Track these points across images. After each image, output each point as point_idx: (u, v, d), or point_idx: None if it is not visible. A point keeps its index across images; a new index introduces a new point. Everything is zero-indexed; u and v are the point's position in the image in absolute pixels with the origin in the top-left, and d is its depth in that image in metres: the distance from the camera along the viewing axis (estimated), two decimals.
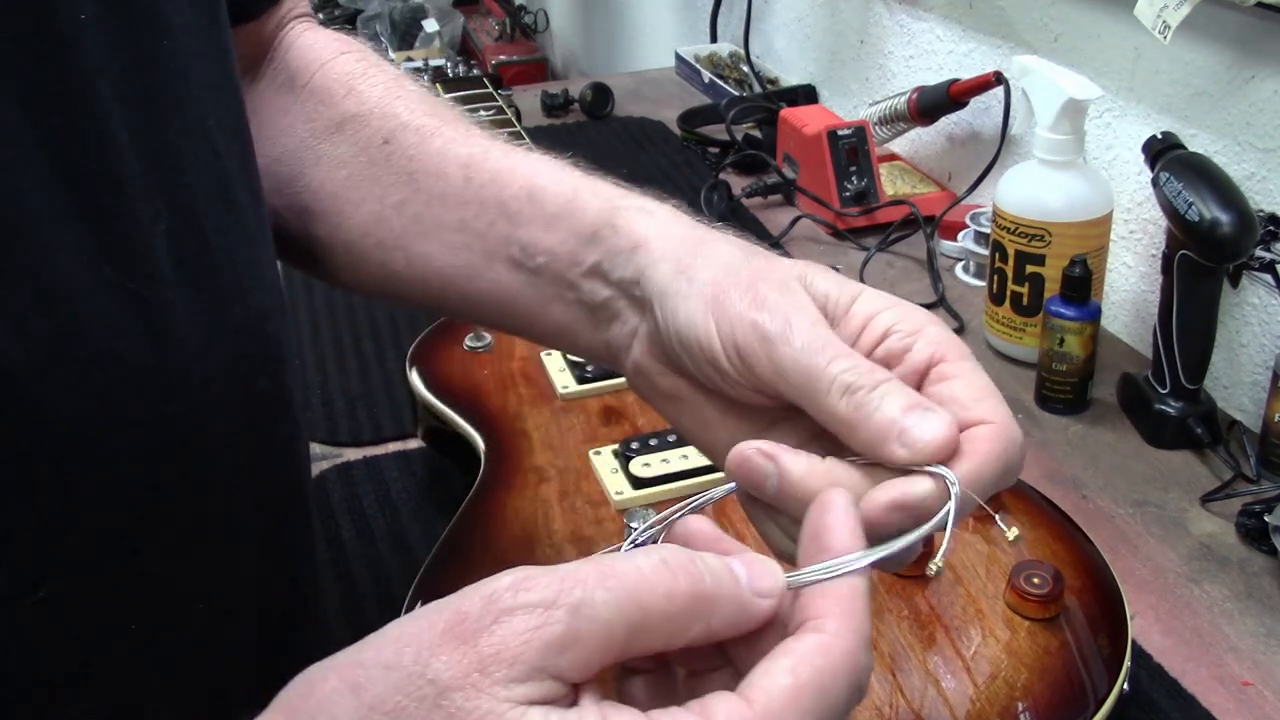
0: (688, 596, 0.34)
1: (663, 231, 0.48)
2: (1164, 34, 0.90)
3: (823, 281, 0.44)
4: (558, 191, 0.52)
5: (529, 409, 0.78)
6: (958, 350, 0.44)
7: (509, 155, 0.55)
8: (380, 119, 0.58)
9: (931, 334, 0.44)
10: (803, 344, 0.42)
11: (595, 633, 0.33)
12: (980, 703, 0.57)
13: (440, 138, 0.56)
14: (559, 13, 3.00)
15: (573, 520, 0.68)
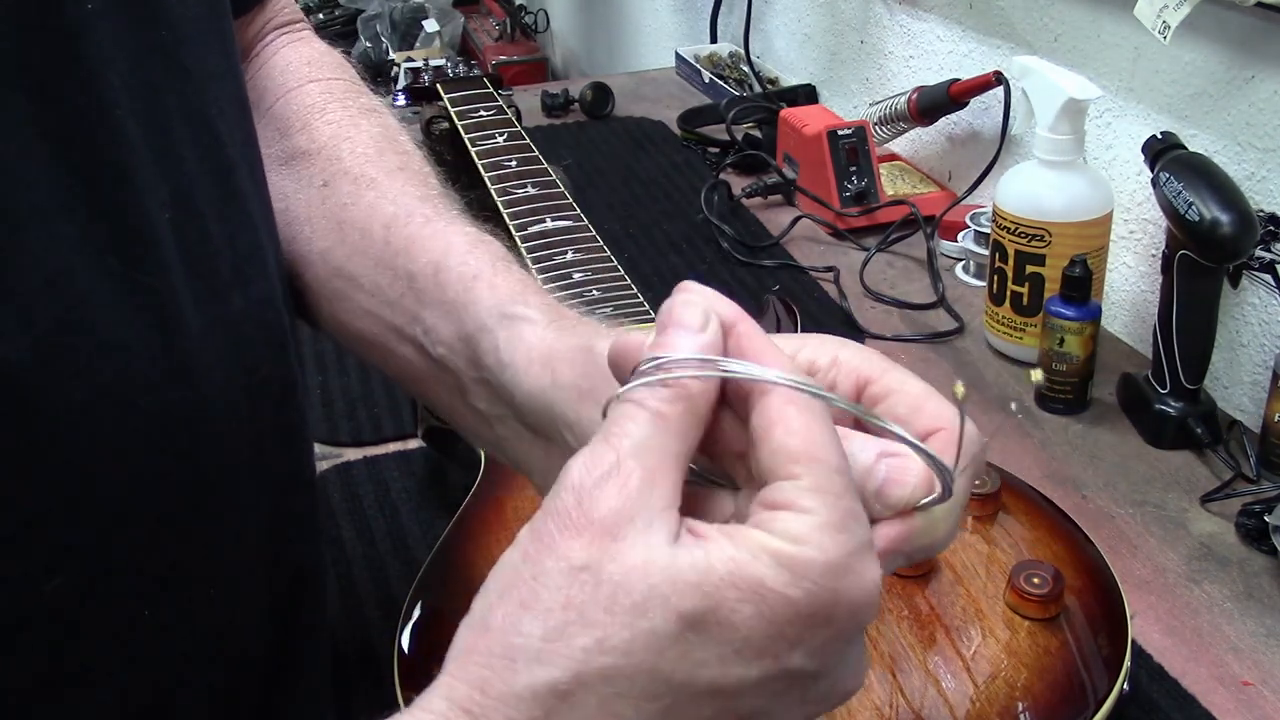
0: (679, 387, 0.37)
1: (545, 349, 0.47)
2: (1164, 34, 0.90)
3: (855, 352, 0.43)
4: (460, 275, 0.51)
5: None
6: (877, 366, 0.42)
7: (430, 222, 0.54)
8: (324, 160, 0.57)
9: (846, 360, 0.42)
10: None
11: (660, 458, 0.35)
12: (980, 703, 0.57)
13: (374, 190, 0.56)
14: (559, 13, 2.99)
15: None
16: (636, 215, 1.27)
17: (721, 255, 1.18)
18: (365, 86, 0.64)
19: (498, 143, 1.11)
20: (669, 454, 0.36)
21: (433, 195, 0.57)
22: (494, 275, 0.51)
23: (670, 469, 0.35)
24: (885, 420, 0.39)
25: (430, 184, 0.58)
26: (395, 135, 0.61)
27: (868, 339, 1.04)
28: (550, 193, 1.01)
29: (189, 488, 0.46)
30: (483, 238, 0.54)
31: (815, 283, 1.13)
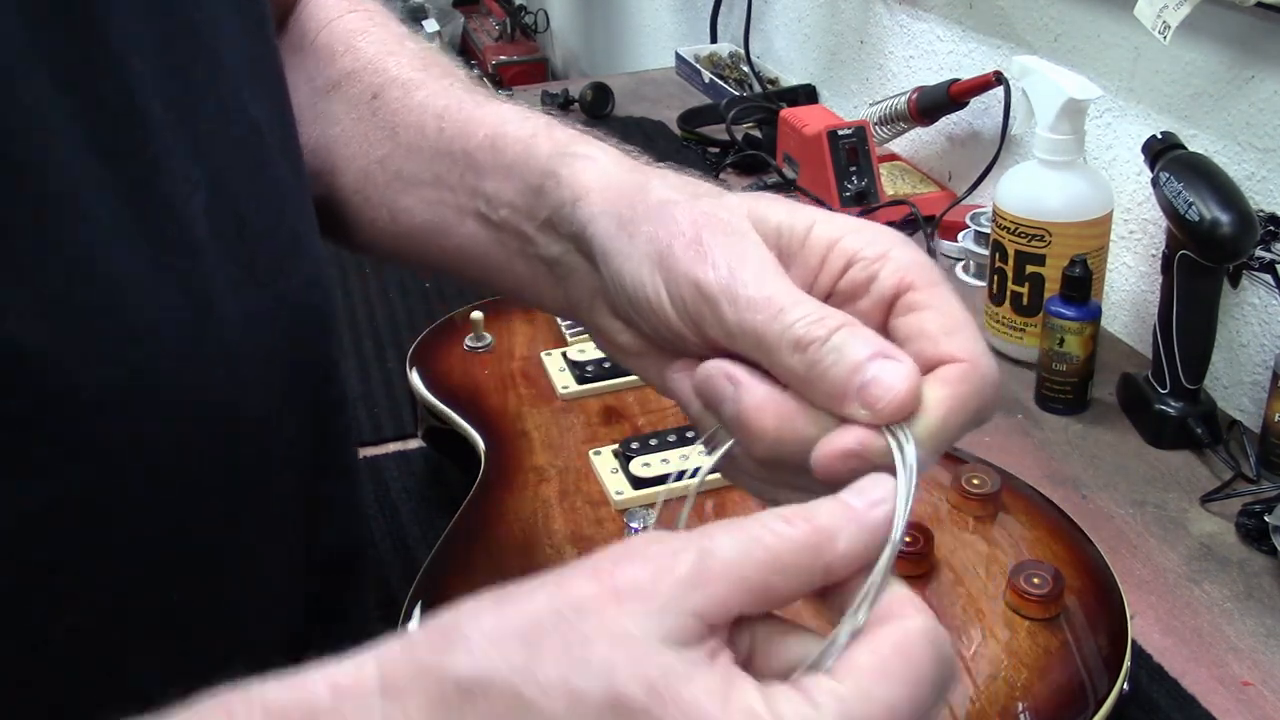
0: (808, 529, 0.34)
1: (604, 181, 0.46)
2: (1164, 34, 0.90)
3: (774, 213, 0.41)
4: (517, 138, 0.50)
5: (529, 409, 0.78)
6: (927, 275, 0.40)
7: (481, 105, 0.53)
8: (371, 74, 0.57)
9: (898, 258, 0.40)
10: (747, 300, 0.38)
11: (724, 572, 0.33)
12: (980, 703, 0.57)
13: (423, 90, 0.55)
14: (559, 13, 2.99)
15: (573, 520, 0.68)
16: None
17: None
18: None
19: None
20: (738, 581, 0.33)
21: (481, 90, 0.56)
22: (550, 131, 0.50)
23: (728, 593, 0.33)
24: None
25: (478, 87, 0.57)
26: (438, 54, 0.60)
27: None
28: None
29: (223, 474, 0.46)
30: (535, 111, 0.53)
31: None
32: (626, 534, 0.66)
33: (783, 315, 0.38)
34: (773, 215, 0.41)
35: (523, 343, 0.86)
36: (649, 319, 0.42)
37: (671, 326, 0.41)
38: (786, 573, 0.34)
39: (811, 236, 0.40)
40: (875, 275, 0.39)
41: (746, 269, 0.39)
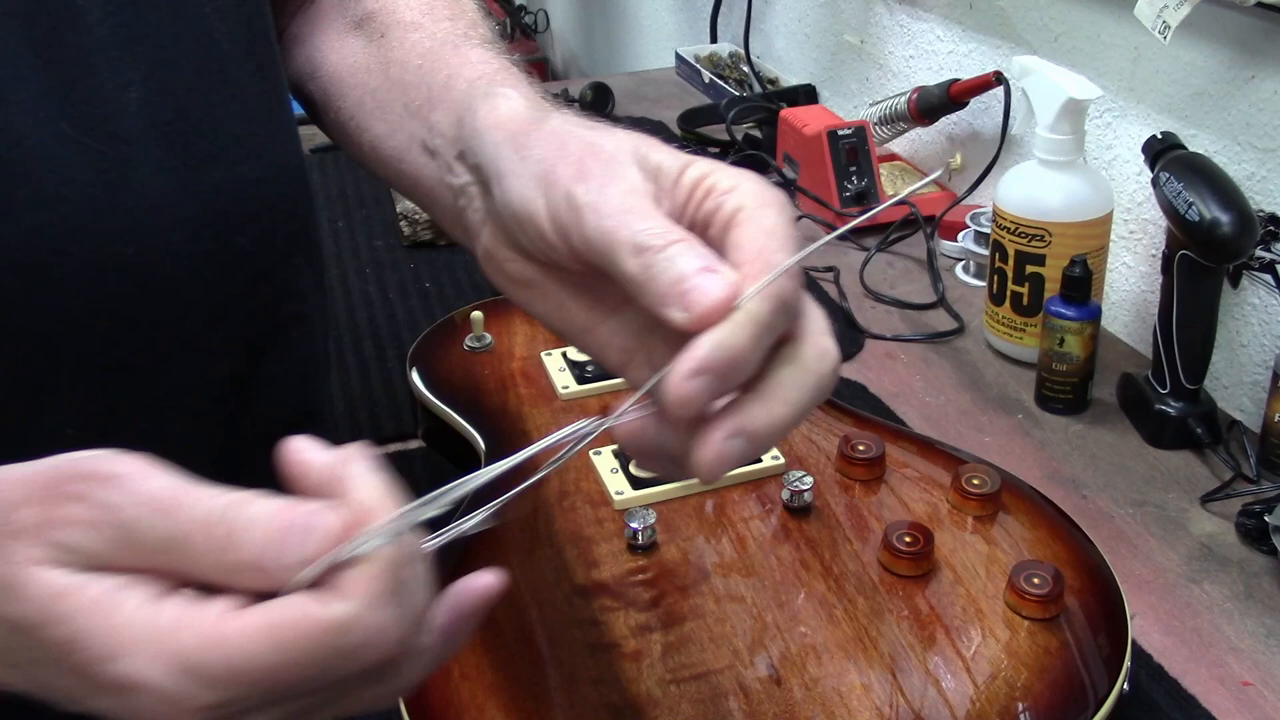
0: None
1: (510, 115, 0.48)
2: (1164, 34, 0.90)
3: (656, 153, 0.44)
4: (466, 77, 0.54)
5: (529, 409, 0.78)
6: (759, 199, 0.42)
7: (459, 48, 0.58)
8: (384, 14, 0.62)
9: (743, 189, 0.42)
10: (608, 210, 0.41)
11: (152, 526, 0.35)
12: (980, 703, 0.57)
13: (419, 32, 0.60)
14: (559, 13, 2.99)
15: (573, 520, 0.68)
16: None
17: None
18: None
19: None
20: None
21: (474, 34, 0.60)
22: (497, 74, 0.54)
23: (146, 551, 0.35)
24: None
25: (478, 27, 0.61)
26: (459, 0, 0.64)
27: (868, 339, 1.04)
28: None
29: (130, 338, 0.53)
30: (505, 62, 0.56)
31: (815, 283, 1.13)
32: (626, 534, 0.66)
33: (631, 224, 0.41)
34: (654, 155, 0.44)
35: (523, 343, 0.86)
36: (529, 232, 0.45)
37: (546, 238, 0.44)
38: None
39: (684, 175, 0.43)
40: (721, 205, 0.42)
41: (615, 186, 0.42)
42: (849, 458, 0.71)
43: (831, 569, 0.65)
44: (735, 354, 0.38)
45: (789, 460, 0.72)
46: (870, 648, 0.60)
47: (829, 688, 0.57)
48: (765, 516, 0.69)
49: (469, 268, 1.17)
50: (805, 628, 0.61)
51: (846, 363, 1.01)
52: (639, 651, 0.59)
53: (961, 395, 0.96)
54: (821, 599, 0.63)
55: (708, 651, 0.60)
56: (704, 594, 0.63)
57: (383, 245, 1.21)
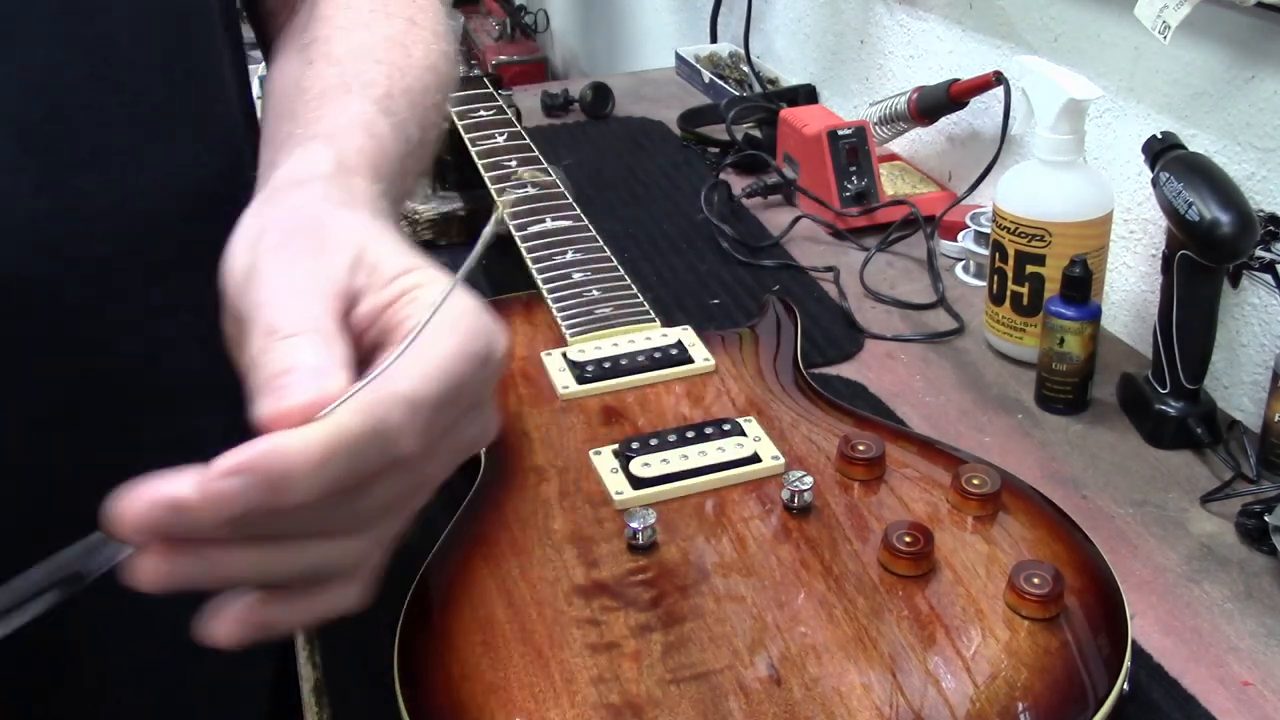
0: None
1: (292, 171, 0.48)
2: (1164, 34, 0.90)
3: (380, 252, 0.43)
4: (324, 123, 0.54)
5: (529, 409, 0.78)
6: (447, 323, 0.42)
7: (350, 91, 0.56)
8: (321, 44, 0.61)
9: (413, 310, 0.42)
10: (277, 287, 0.41)
11: None
12: (980, 703, 0.57)
13: (336, 67, 0.59)
14: (559, 13, 2.99)
15: (573, 520, 0.68)
16: (636, 215, 1.27)
17: (721, 255, 1.18)
18: None
19: (498, 143, 1.11)
20: None
21: (381, 84, 0.58)
22: (343, 130, 0.53)
23: None
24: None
25: (402, 77, 0.60)
26: (402, 39, 0.63)
27: (868, 339, 1.04)
28: (550, 193, 1.01)
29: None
30: (374, 118, 0.55)
31: (815, 283, 1.13)
32: (626, 534, 0.66)
33: (283, 305, 0.40)
34: (377, 252, 0.43)
35: (523, 343, 0.86)
36: (224, 282, 0.44)
37: (229, 294, 0.43)
38: None
39: (395, 280, 0.43)
40: (409, 317, 0.42)
41: (303, 267, 0.42)
42: (849, 458, 0.71)
43: (831, 569, 0.65)
44: (291, 463, 0.36)
45: (789, 460, 0.72)
46: (870, 648, 0.60)
47: (829, 688, 0.57)
48: (765, 516, 0.69)
49: None
50: (805, 628, 0.61)
51: (846, 363, 1.01)
52: (639, 651, 0.59)
53: (961, 395, 0.96)
54: (821, 599, 0.63)
55: (708, 651, 0.60)
56: (704, 594, 0.63)
57: None
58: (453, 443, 0.42)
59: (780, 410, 0.78)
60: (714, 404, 0.79)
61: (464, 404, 0.41)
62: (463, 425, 0.42)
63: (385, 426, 0.38)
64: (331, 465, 0.37)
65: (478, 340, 0.41)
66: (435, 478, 0.43)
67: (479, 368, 0.41)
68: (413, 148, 0.57)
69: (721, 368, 0.82)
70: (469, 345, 0.41)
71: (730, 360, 0.83)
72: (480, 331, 0.42)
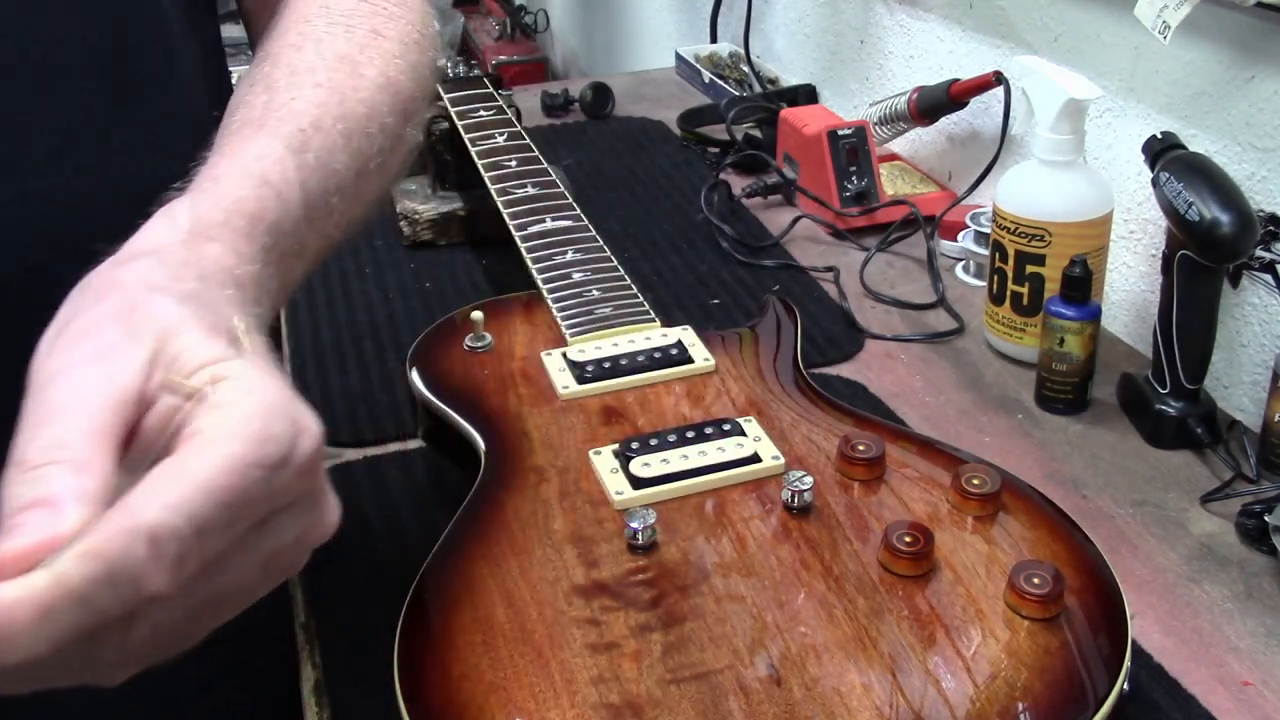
0: None
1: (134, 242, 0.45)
2: (1164, 34, 0.90)
3: (186, 341, 0.39)
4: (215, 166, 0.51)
5: (529, 409, 0.78)
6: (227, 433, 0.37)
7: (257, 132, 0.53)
8: (265, 69, 0.58)
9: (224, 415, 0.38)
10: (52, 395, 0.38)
11: None
12: (980, 703, 0.57)
13: (265, 95, 0.56)
14: (559, 13, 3.00)
15: (573, 520, 0.68)
16: (636, 215, 1.27)
17: (721, 255, 1.18)
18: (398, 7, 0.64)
19: (498, 143, 1.11)
20: None
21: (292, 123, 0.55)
22: (222, 179, 0.50)
23: None
24: None
25: (341, 102, 0.57)
26: (356, 56, 0.60)
27: (868, 339, 1.04)
28: (550, 193, 1.01)
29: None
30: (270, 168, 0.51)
31: (815, 283, 1.13)
32: (626, 534, 0.66)
33: (47, 423, 0.37)
34: (182, 342, 0.40)
35: (523, 343, 0.86)
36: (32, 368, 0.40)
37: (30, 377, 0.40)
38: None
39: (195, 375, 0.39)
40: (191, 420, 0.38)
41: (86, 373, 0.38)
42: (849, 458, 0.71)
43: (831, 569, 0.65)
44: (6, 620, 0.33)
45: (789, 460, 0.72)
46: (870, 648, 0.60)
47: (829, 688, 0.57)
48: (765, 516, 0.69)
49: (469, 268, 1.17)
50: (805, 628, 0.61)
51: (846, 363, 1.01)
52: (639, 651, 0.59)
53: (961, 395, 0.96)
54: (821, 599, 0.63)
55: (708, 651, 0.60)
56: (704, 594, 0.63)
57: (383, 245, 1.21)
58: (249, 559, 0.38)
59: (780, 410, 0.78)
60: (714, 404, 0.79)
61: (248, 519, 0.37)
62: (266, 536, 0.38)
63: (121, 567, 0.34)
64: (57, 618, 0.33)
65: (265, 446, 0.37)
66: (237, 597, 0.39)
67: (265, 476, 0.36)
68: (341, 180, 0.54)
69: (721, 368, 0.82)
70: (251, 453, 0.36)
71: (730, 360, 0.83)
72: (269, 436, 0.37)
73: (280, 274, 0.50)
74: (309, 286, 1.13)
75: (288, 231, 0.50)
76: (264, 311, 0.47)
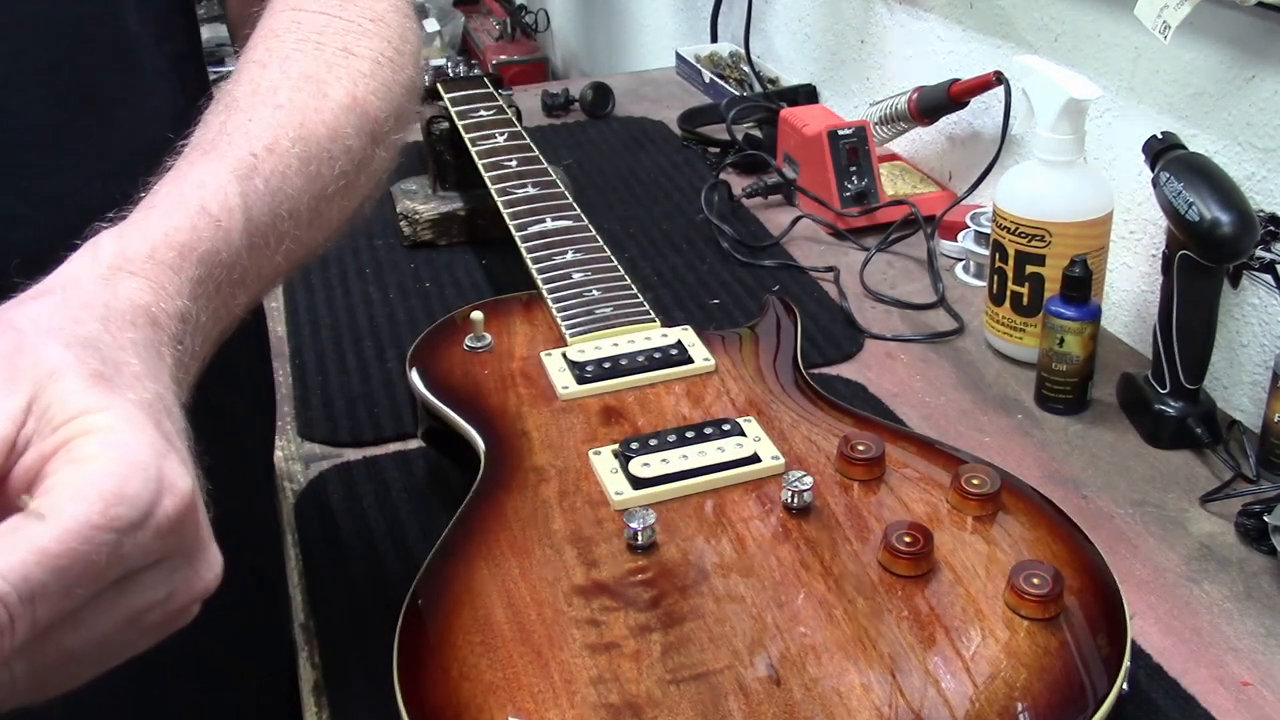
0: None
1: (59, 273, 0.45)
2: (1164, 34, 0.90)
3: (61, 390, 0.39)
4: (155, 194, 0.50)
5: (529, 409, 0.78)
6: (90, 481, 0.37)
7: (203, 158, 0.53)
8: (233, 83, 0.58)
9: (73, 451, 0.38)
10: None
11: None
12: (980, 703, 0.57)
13: (224, 115, 0.55)
14: (559, 13, 3.00)
15: (573, 520, 0.68)
16: (636, 215, 1.28)
17: (721, 255, 1.18)
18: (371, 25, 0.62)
19: (498, 143, 1.11)
20: None
21: (259, 135, 0.54)
22: (155, 211, 0.49)
23: None
24: None
25: (301, 124, 0.56)
26: (323, 76, 0.59)
27: (868, 339, 1.04)
28: (550, 193, 1.01)
29: None
30: (211, 197, 0.50)
31: (815, 283, 1.14)
32: (626, 534, 0.66)
33: None
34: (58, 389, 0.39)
35: (523, 343, 0.86)
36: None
37: None
38: None
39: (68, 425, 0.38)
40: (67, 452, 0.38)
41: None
42: (849, 458, 0.71)
43: (831, 569, 0.65)
44: None
45: (789, 460, 0.72)
46: (870, 648, 0.60)
47: (829, 688, 0.57)
48: (765, 516, 0.69)
49: (469, 268, 1.17)
50: (805, 628, 0.61)
51: (846, 363, 1.01)
52: (639, 652, 0.59)
53: (961, 395, 0.96)
54: (821, 599, 0.63)
55: (708, 651, 0.60)
56: (704, 594, 0.63)
57: (383, 245, 1.21)
58: (108, 616, 0.38)
59: (780, 410, 0.78)
60: (714, 404, 0.79)
61: (96, 582, 0.36)
62: (128, 594, 0.38)
63: None
64: None
65: (115, 507, 0.36)
66: (107, 651, 0.39)
67: (114, 539, 0.36)
68: (294, 205, 0.54)
69: (721, 368, 0.82)
70: (97, 516, 0.35)
71: (730, 360, 0.83)
72: (122, 497, 0.36)
73: (216, 306, 0.49)
74: (309, 286, 1.13)
75: (225, 262, 0.49)
76: (189, 346, 0.46)
